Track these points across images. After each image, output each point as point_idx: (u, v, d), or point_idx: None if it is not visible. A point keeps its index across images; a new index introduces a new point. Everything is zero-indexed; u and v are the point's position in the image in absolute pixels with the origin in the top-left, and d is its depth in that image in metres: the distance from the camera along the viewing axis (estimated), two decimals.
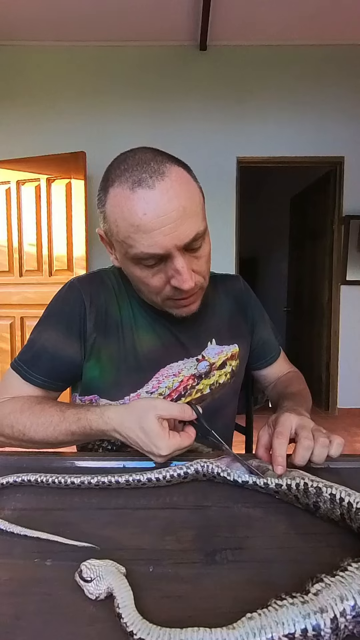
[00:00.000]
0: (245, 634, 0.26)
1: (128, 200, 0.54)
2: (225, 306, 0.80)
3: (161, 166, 0.55)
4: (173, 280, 0.59)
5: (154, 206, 0.53)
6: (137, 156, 0.57)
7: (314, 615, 0.27)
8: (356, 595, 0.28)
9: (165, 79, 3.07)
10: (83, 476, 0.50)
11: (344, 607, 0.27)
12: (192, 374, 0.72)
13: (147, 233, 0.54)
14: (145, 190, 0.54)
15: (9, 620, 0.30)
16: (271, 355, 0.87)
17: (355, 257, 3.17)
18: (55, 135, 3.05)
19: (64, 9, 2.69)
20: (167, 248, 0.56)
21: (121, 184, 0.55)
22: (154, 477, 0.50)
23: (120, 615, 0.29)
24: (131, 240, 0.56)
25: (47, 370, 0.68)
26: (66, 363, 0.68)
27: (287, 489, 0.45)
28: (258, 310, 0.85)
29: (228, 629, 0.26)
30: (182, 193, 0.55)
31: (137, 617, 0.28)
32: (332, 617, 0.27)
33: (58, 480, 0.50)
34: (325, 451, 0.51)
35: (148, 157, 0.56)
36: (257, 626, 0.26)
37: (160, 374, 0.70)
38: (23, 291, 2.89)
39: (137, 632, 0.27)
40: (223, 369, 0.75)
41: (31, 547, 0.39)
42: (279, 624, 0.26)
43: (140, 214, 0.54)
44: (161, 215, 0.54)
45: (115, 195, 0.56)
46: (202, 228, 0.58)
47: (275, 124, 3.10)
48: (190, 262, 0.59)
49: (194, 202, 0.57)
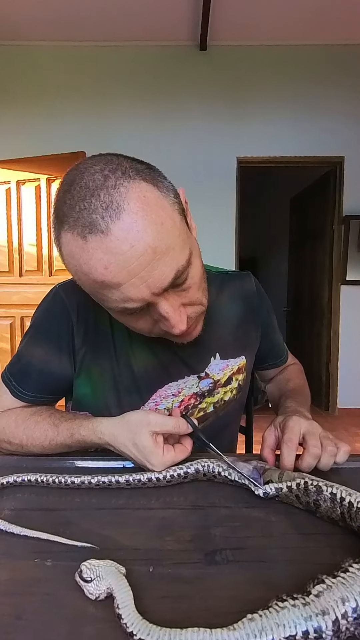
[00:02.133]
0: (246, 635, 0.26)
1: (83, 252, 0.44)
2: (231, 313, 0.70)
3: (114, 195, 0.43)
4: (161, 325, 0.51)
5: (114, 258, 0.43)
6: (84, 181, 0.44)
7: (316, 617, 0.26)
8: (358, 597, 0.27)
9: (165, 79, 3.07)
10: (83, 476, 0.50)
11: (346, 609, 0.27)
12: (194, 392, 0.66)
13: (116, 288, 0.45)
14: (99, 238, 0.42)
15: (9, 620, 0.30)
16: (280, 359, 0.83)
17: (355, 257, 3.17)
18: (55, 135, 3.05)
19: (64, 9, 2.69)
20: (144, 299, 0.46)
21: (71, 228, 0.44)
22: (154, 477, 0.50)
23: (120, 615, 0.29)
24: (100, 295, 0.48)
25: (35, 386, 0.64)
26: (54, 378, 0.65)
27: (287, 490, 0.45)
28: (269, 314, 0.78)
29: (228, 630, 0.26)
30: (147, 228, 0.43)
31: (137, 618, 0.28)
32: (334, 619, 0.26)
33: (58, 480, 0.50)
34: (332, 460, 0.51)
35: (97, 184, 0.43)
36: (258, 628, 0.26)
37: (157, 395, 0.64)
38: (23, 291, 2.89)
39: (137, 633, 0.27)
40: (229, 385, 0.68)
41: (31, 547, 0.39)
42: (279, 626, 0.26)
43: (100, 269, 0.44)
44: (125, 266, 0.43)
45: (68, 242, 0.45)
46: (183, 262, 0.47)
47: (275, 124, 3.10)
48: (178, 297, 0.50)
49: (167, 234, 0.45)
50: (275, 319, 0.82)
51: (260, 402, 1.02)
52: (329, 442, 0.52)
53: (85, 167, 0.46)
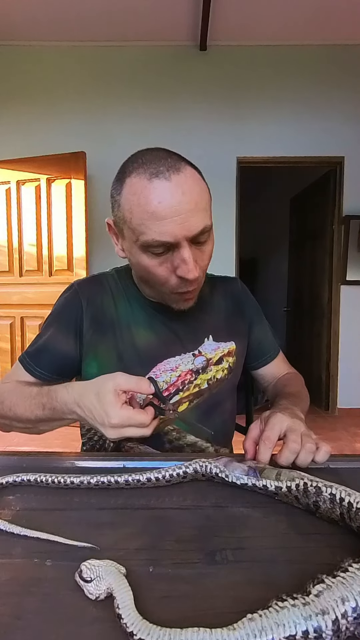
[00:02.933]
0: (246, 635, 0.26)
1: (145, 189, 0.58)
2: (222, 305, 0.82)
3: (177, 163, 0.59)
4: (179, 270, 0.62)
5: (169, 196, 0.57)
6: (154, 153, 0.61)
7: (316, 617, 0.26)
8: (357, 597, 0.28)
9: (165, 79, 3.07)
10: (83, 476, 0.50)
11: (346, 608, 0.27)
12: (189, 369, 0.74)
13: (160, 220, 0.57)
14: (161, 181, 0.57)
15: (9, 620, 0.30)
16: (268, 354, 0.88)
17: (355, 257, 3.17)
18: (55, 135, 3.05)
19: (64, 9, 2.69)
20: (177, 237, 0.59)
21: (139, 174, 0.58)
22: (154, 477, 0.49)
23: (120, 615, 0.29)
24: (144, 227, 0.59)
25: (46, 364, 0.74)
26: (63, 358, 0.74)
27: (287, 490, 0.45)
28: (255, 311, 0.87)
29: (228, 630, 0.26)
30: (194, 188, 0.59)
31: (137, 618, 0.28)
32: (334, 619, 0.26)
33: (58, 480, 0.50)
34: (310, 457, 0.52)
35: (164, 155, 0.60)
36: (258, 627, 0.26)
37: (157, 369, 0.73)
38: (23, 291, 2.90)
39: (137, 633, 0.27)
40: (220, 364, 0.77)
41: (31, 547, 0.39)
42: (279, 626, 0.26)
43: (155, 202, 0.57)
44: (175, 205, 0.57)
45: (133, 184, 0.59)
46: (209, 223, 0.62)
47: (275, 124, 3.10)
48: (195, 254, 0.62)
49: (204, 199, 0.61)
50: (263, 318, 0.89)
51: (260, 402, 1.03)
52: (309, 439, 0.53)
53: (154, 148, 0.63)
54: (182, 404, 0.74)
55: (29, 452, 0.63)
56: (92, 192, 2.94)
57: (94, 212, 2.93)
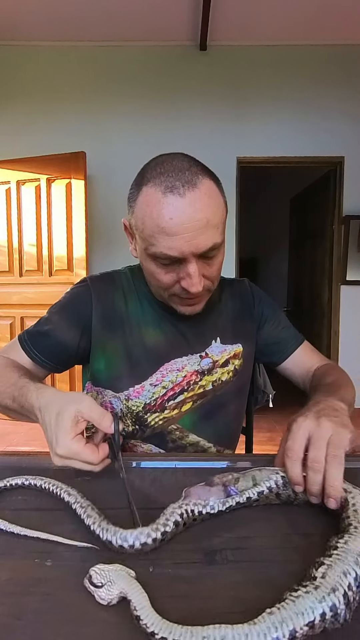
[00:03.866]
0: (267, 628, 0.26)
1: (158, 203, 0.58)
2: (230, 307, 0.82)
3: (194, 177, 0.59)
4: (183, 282, 0.63)
5: (181, 213, 0.57)
6: (174, 162, 0.60)
7: (328, 596, 0.28)
8: (355, 567, 0.31)
9: (165, 79, 3.07)
10: (76, 495, 0.46)
11: (349, 580, 0.30)
12: (195, 370, 0.75)
13: (170, 236, 0.59)
14: (175, 197, 0.58)
15: (9, 620, 0.30)
16: (289, 345, 0.84)
17: (355, 257, 3.17)
18: (55, 135, 3.05)
19: (64, 9, 2.69)
20: (184, 253, 0.60)
21: (155, 185, 0.59)
22: (133, 542, 0.38)
23: (138, 617, 0.28)
24: (153, 240, 0.60)
25: (44, 349, 0.75)
26: (62, 348, 0.75)
27: (268, 491, 0.45)
28: (267, 308, 0.85)
29: (249, 625, 0.27)
30: (208, 206, 0.59)
31: (156, 618, 0.28)
32: (343, 593, 0.29)
33: (50, 489, 0.48)
34: (339, 475, 0.43)
35: (184, 166, 0.60)
36: (278, 620, 0.27)
37: (164, 368, 0.74)
38: (23, 291, 2.89)
39: (158, 632, 0.27)
40: (226, 367, 0.77)
41: (31, 547, 0.39)
42: (298, 615, 0.27)
43: (167, 217, 0.58)
44: (185, 223, 0.58)
45: (148, 194, 0.60)
46: (219, 240, 0.62)
47: (275, 124, 3.10)
48: (202, 267, 0.64)
49: (217, 216, 0.61)
50: (278, 314, 0.87)
51: (260, 402, 1.03)
52: (336, 448, 0.44)
53: (176, 155, 0.62)
54: (185, 404, 0.75)
55: (29, 452, 0.63)
56: (92, 192, 2.94)
57: (94, 212, 2.93)
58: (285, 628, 0.26)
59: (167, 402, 0.74)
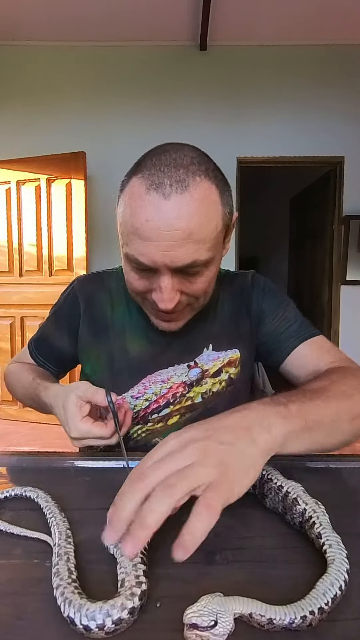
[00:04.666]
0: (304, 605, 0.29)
1: (139, 199, 0.50)
2: (227, 309, 0.73)
3: (189, 177, 0.50)
4: (154, 294, 0.56)
5: (159, 217, 0.49)
6: (174, 155, 0.52)
7: (341, 566, 0.32)
8: (332, 532, 0.36)
9: (165, 79, 3.07)
10: (60, 534, 0.39)
11: (338, 538, 0.35)
12: (182, 381, 0.68)
13: (143, 240, 0.51)
14: (158, 197, 0.49)
15: (9, 620, 0.30)
16: (287, 344, 0.69)
17: (355, 257, 3.17)
18: (55, 135, 3.05)
19: (64, 9, 2.69)
20: (157, 264, 0.52)
21: (142, 178, 0.51)
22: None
23: (271, 620, 0.28)
24: (127, 239, 0.53)
25: (46, 355, 0.78)
26: (57, 351, 0.77)
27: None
28: (269, 302, 0.73)
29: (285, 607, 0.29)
30: (196, 215, 0.50)
31: (278, 607, 0.29)
32: (346, 554, 0.33)
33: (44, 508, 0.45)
34: (154, 515, 0.29)
35: (184, 162, 0.51)
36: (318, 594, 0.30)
37: (147, 380, 0.69)
38: (23, 291, 2.89)
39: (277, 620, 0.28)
40: (218, 376, 0.69)
41: (31, 547, 0.39)
42: (325, 594, 0.30)
43: (143, 218, 0.50)
44: (162, 229, 0.49)
45: (133, 186, 0.52)
46: (204, 257, 0.52)
47: (275, 124, 3.10)
48: (181, 283, 0.55)
49: (205, 230, 0.51)
50: (281, 307, 0.72)
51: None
52: (175, 481, 0.30)
53: (183, 147, 0.54)
54: (172, 417, 0.69)
55: (29, 452, 0.63)
56: (92, 192, 2.94)
57: (94, 212, 2.93)
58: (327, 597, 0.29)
59: (151, 415, 0.68)
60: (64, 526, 0.40)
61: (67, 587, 0.31)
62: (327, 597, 0.29)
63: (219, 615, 0.27)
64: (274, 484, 0.44)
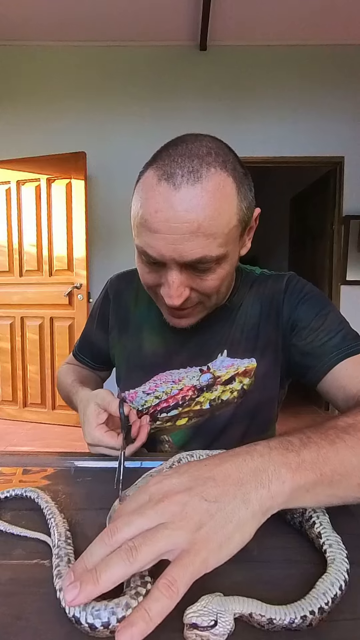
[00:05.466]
0: (304, 605, 0.29)
1: (150, 190, 0.49)
2: (251, 312, 0.66)
3: (203, 168, 0.48)
4: (162, 288, 0.54)
5: (168, 208, 0.47)
6: (192, 145, 0.50)
7: (341, 566, 0.32)
8: (333, 532, 0.36)
9: (165, 79, 3.07)
10: (59, 537, 0.38)
11: (338, 538, 0.35)
12: (193, 385, 0.66)
13: (151, 232, 0.49)
14: (168, 187, 0.47)
15: (9, 620, 0.30)
16: (324, 361, 0.59)
17: (355, 257, 3.17)
18: (55, 135, 3.05)
19: (65, 9, 2.69)
20: (165, 257, 0.50)
21: (156, 169, 0.49)
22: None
23: (272, 619, 0.28)
24: (137, 231, 0.53)
25: (88, 353, 0.85)
26: (99, 351, 0.82)
27: None
28: (305, 311, 0.63)
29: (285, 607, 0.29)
30: (207, 208, 0.47)
31: (277, 607, 0.29)
32: (346, 554, 0.33)
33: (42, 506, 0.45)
34: (111, 575, 0.27)
35: (200, 152, 0.49)
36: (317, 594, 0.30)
37: (158, 378, 0.69)
38: (23, 291, 2.90)
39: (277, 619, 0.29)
40: (230, 384, 0.65)
41: (31, 547, 0.39)
42: (326, 594, 0.30)
43: (152, 209, 0.48)
44: (171, 221, 0.47)
45: (147, 177, 0.51)
46: (214, 253, 0.50)
47: (275, 124, 3.10)
48: (190, 279, 0.53)
49: (217, 223, 0.48)
50: (319, 318, 0.62)
51: None
52: (136, 545, 0.28)
53: (203, 138, 0.52)
54: (180, 419, 0.68)
55: (29, 452, 0.63)
56: (92, 192, 2.94)
57: (94, 212, 2.93)
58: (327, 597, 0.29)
59: (160, 413, 0.69)
60: (64, 527, 0.40)
61: None
62: (327, 596, 0.30)
63: (219, 615, 0.27)
64: None
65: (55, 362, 2.89)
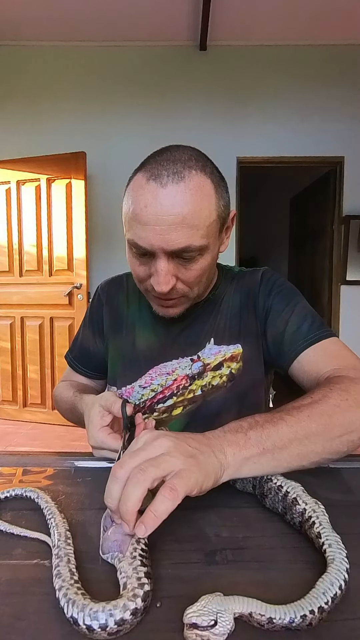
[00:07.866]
0: (303, 605, 0.29)
1: (140, 189, 0.57)
2: (233, 303, 0.73)
3: (185, 170, 0.56)
4: (152, 279, 0.61)
5: (156, 203, 0.55)
6: (175, 153, 0.58)
7: (340, 565, 0.32)
8: (332, 532, 0.36)
9: (165, 79, 3.07)
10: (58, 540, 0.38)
11: (337, 538, 0.35)
12: (186, 374, 0.72)
13: (142, 225, 0.57)
14: (156, 186, 0.55)
15: (9, 620, 0.30)
16: (293, 348, 0.65)
17: (355, 257, 3.17)
18: (55, 135, 3.05)
19: (65, 9, 2.69)
20: (154, 247, 0.57)
21: (144, 172, 0.57)
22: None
23: (271, 619, 0.28)
24: (129, 225, 0.60)
25: (78, 358, 0.85)
26: (95, 357, 0.82)
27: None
28: (278, 301, 0.70)
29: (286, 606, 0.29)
30: (189, 203, 0.55)
31: (277, 607, 0.29)
32: (345, 554, 0.33)
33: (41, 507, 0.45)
34: (133, 495, 0.34)
35: (182, 158, 0.57)
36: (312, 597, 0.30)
37: (153, 371, 0.73)
38: (23, 291, 2.89)
39: (277, 618, 0.29)
40: (218, 370, 0.70)
41: (31, 547, 0.39)
42: (325, 593, 0.30)
43: (142, 204, 0.56)
44: (159, 214, 0.55)
45: (137, 179, 0.58)
46: (197, 243, 0.57)
47: (275, 124, 3.10)
48: (176, 269, 0.60)
49: (199, 216, 0.56)
50: (288, 307, 0.69)
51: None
52: (146, 466, 0.35)
53: (185, 147, 0.60)
54: (176, 408, 0.72)
55: (29, 452, 0.63)
56: (92, 192, 2.94)
57: (94, 212, 2.93)
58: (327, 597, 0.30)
59: (156, 405, 0.73)
60: (64, 527, 0.40)
61: (70, 588, 0.31)
62: (327, 596, 0.30)
63: (219, 614, 0.28)
64: (273, 484, 0.44)
65: (55, 362, 2.89)
